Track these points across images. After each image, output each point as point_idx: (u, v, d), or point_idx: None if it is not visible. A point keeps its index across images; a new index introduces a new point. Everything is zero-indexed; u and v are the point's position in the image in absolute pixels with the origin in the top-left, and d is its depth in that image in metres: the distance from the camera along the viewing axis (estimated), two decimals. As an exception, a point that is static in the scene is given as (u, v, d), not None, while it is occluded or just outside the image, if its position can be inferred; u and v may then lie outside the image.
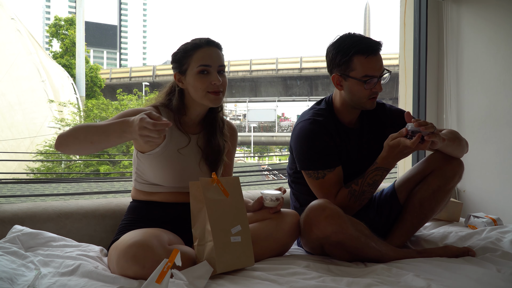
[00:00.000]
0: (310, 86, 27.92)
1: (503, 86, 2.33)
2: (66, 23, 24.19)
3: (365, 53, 1.54)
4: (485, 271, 1.33)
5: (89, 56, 52.61)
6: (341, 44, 1.58)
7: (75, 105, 15.50)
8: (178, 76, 1.50)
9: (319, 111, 1.66)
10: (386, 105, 1.78)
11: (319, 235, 1.44)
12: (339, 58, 1.58)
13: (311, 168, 1.59)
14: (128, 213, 1.53)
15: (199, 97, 1.47)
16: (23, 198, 7.59)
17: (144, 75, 27.98)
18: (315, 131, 1.59)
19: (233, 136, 1.67)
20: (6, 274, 1.17)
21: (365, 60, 1.55)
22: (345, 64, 1.57)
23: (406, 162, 2.75)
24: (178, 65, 1.50)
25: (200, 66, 1.45)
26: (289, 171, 1.78)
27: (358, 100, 1.61)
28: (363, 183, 1.56)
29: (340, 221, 1.42)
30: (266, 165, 25.11)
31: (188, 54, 1.47)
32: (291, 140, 1.69)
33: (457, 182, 1.68)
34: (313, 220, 1.44)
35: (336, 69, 1.60)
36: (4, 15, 16.07)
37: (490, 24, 2.44)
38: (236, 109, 35.31)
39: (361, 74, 1.55)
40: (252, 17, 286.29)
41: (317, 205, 1.45)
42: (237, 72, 27.93)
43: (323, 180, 1.58)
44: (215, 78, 1.45)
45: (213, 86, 1.45)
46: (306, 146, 1.60)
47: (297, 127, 1.65)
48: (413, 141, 1.42)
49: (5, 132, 14.52)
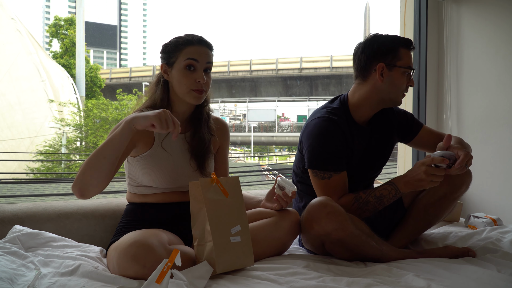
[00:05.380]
0: (310, 86, 27.90)
1: (503, 86, 2.33)
2: (66, 23, 24.16)
3: (408, 46, 1.60)
4: (485, 271, 1.33)
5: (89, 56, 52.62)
6: (381, 37, 1.61)
7: (75, 105, 15.49)
8: (165, 67, 1.51)
9: (334, 110, 1.64)
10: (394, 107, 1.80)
11: (319, 232, 1.43)
12: (384, 48, 1.58)
13: (318, 168, 1.58)
14: (125, 215, 1.53)
15: (182, 93, 1.48)
16: (23, 198, 7.59)
17: (144, 75, 27.96)
18: (330, 129, 1.58)
19: (222, 131, 1.66)
20: (6, 274, 1.17)
21: (407, 52, 1.60)
22: (393, 53, 1.58)
23: (407, 162, 2.75)
24: (167, 56, 1.50)
25: (188, 59, 1.45)
26: (296, 170, 1.76)
27: (396, 93, 1.61)
28: (371, 193, 1.55)
29: (341, 218, 1.42)
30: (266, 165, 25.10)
31: (178, 48, 1.48)
32: (302, 136, 1.66)
33: (464, 191, 1.67)
34: (314, 217, 1.43)
35: (381, 58, 1.58)
36: (4, 15, 16.06)
37: (490, 24, 2.44)
38: (236, 109, 35.30)
39: (407, 64, 1.59)
40: (252, 17, 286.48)
41: (319, 202, 1.45)
42: (237, 72, 27.92)
43: (328, 181, 1.57)
44: (200, 76, 1.46)
45: (197, 84, 1.46)
46: (318, 144, 1.58)
47: (311, 123, 1.62)
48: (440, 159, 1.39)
49: (5, 132, 14.52)
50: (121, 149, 1.28)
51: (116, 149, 1.27)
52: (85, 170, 1.25)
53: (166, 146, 1.50)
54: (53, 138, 14.46)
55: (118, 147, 1.27)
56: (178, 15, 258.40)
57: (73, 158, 14.62)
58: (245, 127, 29.24)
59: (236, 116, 35.57)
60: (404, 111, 1.82)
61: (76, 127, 14.76)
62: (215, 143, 1.62)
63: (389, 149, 1.77)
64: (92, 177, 1.25)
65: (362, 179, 1.72)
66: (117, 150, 1.27)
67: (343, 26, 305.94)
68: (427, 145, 1.79)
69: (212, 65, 1.51)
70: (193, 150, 1.53)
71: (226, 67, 27.67)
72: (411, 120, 1.79)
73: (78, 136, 14.83)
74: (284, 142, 28.40)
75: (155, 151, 1.48)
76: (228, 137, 1.69)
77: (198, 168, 1.53)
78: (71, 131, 14.69)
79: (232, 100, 30.23)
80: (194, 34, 1.52)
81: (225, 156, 1.69)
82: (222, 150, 1.67)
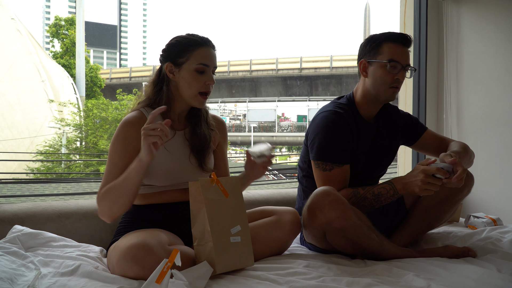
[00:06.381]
0: (310, 86, 27.89)
1: (503, 86, 2.33)
2: (66, 23, 24.15)
3: (395, 40, 1.60)
4: (485, 271, 1.33)
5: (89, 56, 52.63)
6: (374, 35, 1.65)
7: (75, 105, 15.49)
8: (171, 67, 1.48)
9: (341, 105, 1.68)
10: (399, 110, 1.83)
11: (322, 220, 1.44)
12: (369, 45, 1.64)
13: (321, 159, 1.59)
14: (125, 215, 1.53)
15: (189, 95, 1.47)
16: (23, 198, 7.59)
17: (144, 75, 27.90)
18: (336, 122, 1.61)
19: (221, 128, 1.66)
20: (6, 274, 1.17)
21: (393, 46, 1.60)
22: (374, 50, 1.62)
23: (406, 162, 2.75)
24: (174, 56, 1.48)
25: (200, 64, 1.45)
26: (301, 164, 1.77)
27: (379, 87, 1.62)
28: (369, 190, 1.56)
29: (343, 206, 1.43)
30: (266, 165, 24.98)
31: (188, 49, 1.46)
32: (309, 128, 1.69)
33: (466, 195, 1.68)
34: (317, 205, 1.44)
35: (364, 56, 1.65)
36: (4, 15, 16.06)
37: (490, 24, 2.44)
38: (236, 109, 35.29)
39: (387, 57, 1.59)
40: (252, 17, 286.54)
41: (322, 191, 1.46)
42: (237, 72, 27.90)
43: (329, 173, 1.58)
44: (210, 78, 1.47)
45: (206, 87, 1.46)
46: (324, 136, 1.60)
47: (318, 117, 1.66)
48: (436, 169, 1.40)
49: (5, 132, 14.52)
50: (139, 183, 1.35)
51: (134, 184, 1.35)
52: (110, 207, 1.37)
53: (166, 144, 1.49)
54: (53, 138, 14.46)
55: (137, 182, 1.35)
56: (178, 15, 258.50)
57: (73, 158, 14.62)
58: (245, 127, 29.24)
59: (236, 116, 35.56)
60: (409, 114, 1.84)
61: (76, 127, 14.77)
62: (215, 139, 1.62)
63: (394, 148, 1.78)
64: (120, 209, 1.38)
65: (369, 177, 1.73)
66: (135, 185, 1.35)
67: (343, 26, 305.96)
68: (430, 149, 1.81)
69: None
70: (193, 147, 1.53)
71: (226, 67, 27.65)
72: (416, 123, 1.81)
73: (78, 136, 14.83)
74: (284, 142, 28.39)
75: None
76: (225, 132, 1.69)
77: (198, 164, 1.53)
78: (71, 131, 14.69)
79: (232, 100, 30.22)
80: (201, 35, 1.50)
81: (224, 153, 1.69)
82: (221, 147, 1.67)
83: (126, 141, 1.42)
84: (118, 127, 1.46)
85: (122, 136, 1.43)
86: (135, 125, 1.43)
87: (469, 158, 1.66)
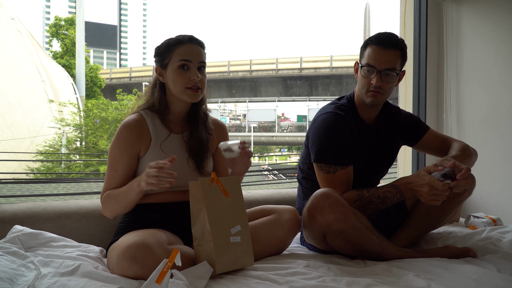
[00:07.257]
0: (310, 86, 27.90)
1: (503, 86, 2.33)
2: (66, 23, 24.16)
3: (376, 44, 1.57)
4: (485, 271, 1.33)
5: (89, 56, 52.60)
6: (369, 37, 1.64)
7: (75, 105, 15.50)
8: (159, 70, 1.52)
9: (341, 106, 1.67)
10: (401, 110, 1.81)
11: (322, 223, 1.43)
12: (361, 47, 1.64)
13: (324, 161, 1.58)
14: (125, 215, 1.53)
15: (178, 92, 1.49)
16: (23, 198, 7.59)
17: (144, 75, 27.95)
18: (338, 124, 1.60)
19: (221, 131, 1.66)
20: (6, 274, 1.17)
21: (374, 49, 1.58)
22: (362, 52, 1.63)
23: (407, 162, 2.75)
24: (160, 59, 1.52)
25: (181, 60, 1.46)
26: (302, 166, 1.76)
27: (360, 90, 1.63)
28: (374, 193, 1.54)
29: (343, 209, 1.42)
30: (266, 165, 25.10)
31: (170, 49, 1.49)
32: (310, 130, 1.68)
33: (467, 197, 1.67)
34: (317, 207, 1.44)
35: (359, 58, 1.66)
36: (4, 15, 16.07)
37: (490, 24, 2.43)
38: (236, 109, 35.32)
39: (365, 61, 1.59)
40: (252, 17, 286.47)
41: (322, 193, 1.45)
42: (237, 72, 27.91)
43: (333, 175, 1.58)
44: (194, 74, 1.47)
45: (191, 82, 1.47)
46: (325, 139, 1.59)
47: (319, 118, 1.64)
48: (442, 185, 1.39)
49: (5, 132, 14.52)
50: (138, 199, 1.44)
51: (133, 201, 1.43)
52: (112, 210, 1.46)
53: (164, 147, 1.50)
54: (53, 138, 14.47)
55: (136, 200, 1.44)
56: (178, 15, 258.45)
57: (73, 158, 14.62)
58: (245, 127, 29.23)
59: (236, 116, 35.57)
60: (410, 114, 1.83)
61: (76, 127, 14.78)
62: (213, 143, 1.62)
63: (395, 149, 1.78)
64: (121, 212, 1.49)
65: (369, 178, 1.72)
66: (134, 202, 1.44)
67: (343, 26, 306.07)
68: (432, 149, 1.80)
69: (206, 64, 1.52)
70: (191, 150, 1.54)
71: (226, 67, 27.67)
72: (417, 123, 1.80)
73: (78, 136, 14.84)
74: (284, 142, 28.39)
75: (153, 152, 1.48)
76: (227, 137, 1.68)
77: (197, 167, 1.53)
78: (71, 131, 14.71)
79: (232, 100, 30.23)
80: (185, 34, 1.53)
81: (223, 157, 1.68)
82: (220, 151, 1.66)
83: (125, 145, 1.45)
84: (118, 129, 1.48)
85: (121, 140, 1.46)
86: (134, 128, 1.46)
87: (469, 160, 1.65)
